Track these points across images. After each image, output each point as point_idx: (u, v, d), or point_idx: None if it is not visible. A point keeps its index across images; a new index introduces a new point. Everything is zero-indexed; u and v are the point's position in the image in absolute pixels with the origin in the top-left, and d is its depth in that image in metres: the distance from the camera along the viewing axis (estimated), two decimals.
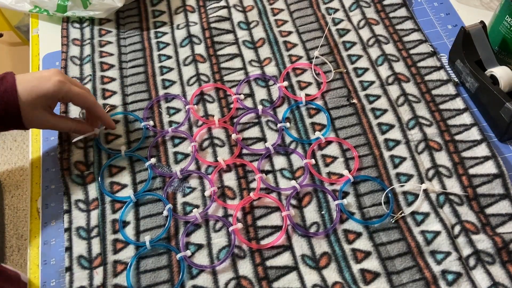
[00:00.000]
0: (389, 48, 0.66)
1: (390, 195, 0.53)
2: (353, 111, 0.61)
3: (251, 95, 0.63)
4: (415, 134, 0.58)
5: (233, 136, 0.59)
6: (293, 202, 0.54)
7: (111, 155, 0.58)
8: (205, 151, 0.59)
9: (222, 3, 0.73)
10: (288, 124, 0.60)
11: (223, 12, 0.71)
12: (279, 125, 0.59)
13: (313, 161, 0.57)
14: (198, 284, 0.49)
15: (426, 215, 0.52)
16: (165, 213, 0.53)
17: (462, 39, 0.60)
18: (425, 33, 0.68)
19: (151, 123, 0.61)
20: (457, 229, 0.51)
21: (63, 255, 0.52)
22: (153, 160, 0.57)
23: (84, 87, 0.58)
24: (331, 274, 0.49)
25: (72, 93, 0.54)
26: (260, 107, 0.61)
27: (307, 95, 0.62)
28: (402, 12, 0.70)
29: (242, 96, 0.63)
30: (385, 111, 0.60)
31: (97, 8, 0.69)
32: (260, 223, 0.53)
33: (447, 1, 0.72)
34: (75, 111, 0.63)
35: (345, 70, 0.64)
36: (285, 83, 0.63)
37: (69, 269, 0.51)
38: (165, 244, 0.52)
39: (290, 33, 0.69)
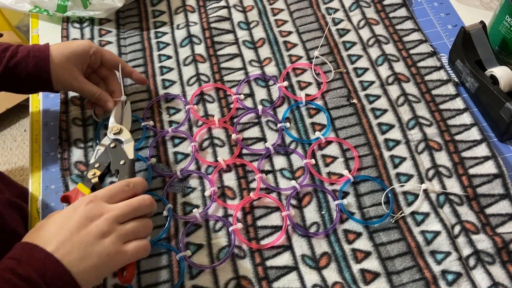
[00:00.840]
0: (389, 48, 0.66)
1: (390, 195, 0.53)
2: (353, 111, 0.61)
3: (251, 95, 0.63)
4: (415, 134, 0.58)
5: (233, 136, 0.59)
6: (293, 202, 0.54)
7: None
8: (205, 151, 0.59)
9: (222, 3, 0.73)
10: (288, 124, 0.60)
11: (223, 12, 0.71)
12: (279, 125, 0.59)
13: (313, 161, 0.57)
14: (198, 284, 0.49)
15: (426, 215, 0.52)
16: (165, 213, 0.53)
17: (462, 39, 0.60)
18: (425, 33, 0.68)
19: (151, 123, 0.61)
20: (457, 229, 0.51)
21: None
22: (153, 160, 0.57)
23: None
24: (331, 274, 0.49)
25: (102, 49, 0.59)
26: (260, 107, 0.61)
27: (307, 95, 0.62)
28: (402, 12, 0.70)
29: (242, 96, 0.63)
30: (385, 111, 0.60)
31: (97, 8, 0.69)
32: (260, 223, 0.53)
33: (447, 1, 0.72)
34: (75, 111, 0.63)
35: (345, 70, 0.64)
36: (285, 83, 0.63)
37: None
38: (165, 244, 0.52)
39: (290, 33, 0.69)
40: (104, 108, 0.59)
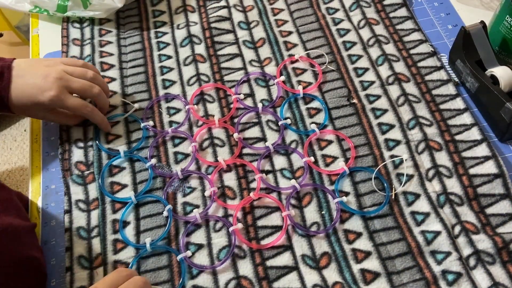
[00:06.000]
0: (389, 48, 0.66)
1: (384, 182, 0.53)
2: (353, 111, 0.61)
3: (251, 95, 0.63)
4: (415, 134, 0.58)
5: (235, 135, 0.59)
6: (293, 202, 0.54)
7: (111, 156, 0.58)
8: (205, 151, 0.59)
9: (222, 3, 0.73)
10: (289, 121, 0.60)
11: (223, 12, 0.71)
12: (280, 122, 0.59)
13: (312, 158, 0.57)
14: (198, 284, 0.49)
15: (426, 215, 0.52)
16: (165, 213, 0.53)
17: (462, 39, 0.60)
18: (425, 33, 0.68)
19: (151, 123, 0.61)
20: (457, 229, 0.51)
21: (63, 255, 0.52)
22: (153, 161, 0.57)
23: (86, 82, 0.57)
24: (331, 274, 0.49)
25: (65, 106, 0.56)
26: (260, 105, 0.61)
27: (304, 88, 0.62)
28: (402, 12, 0.70)
29: (241, 96, 0.63)
30: (385, 111, 0.60)
31: (97, 8, 0.69)
32: (260, 223, 0.53)
33: (447, 1, 0.72)
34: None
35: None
36: (282, 78, 0.63)
37: (69, 269, 0.51)
38: (165, 246, 0.51)
39: (290, 33, 0.69)
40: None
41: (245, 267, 0.50)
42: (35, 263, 0.50)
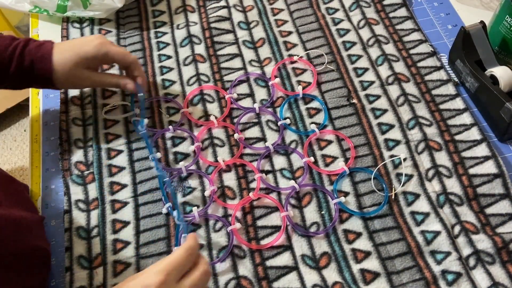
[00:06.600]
0: (389, 48, 0.66)
1: (379, 178, 0.53)
2: (353, 111, 0.61)
3: (251, 95, 0.63)
4: (415, 134, 0.58)
5: (236, 135, 0.59)
6: (293, 202, 0.54)
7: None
8: (205, 151, 0.59)
9: (222, 3, 0.73)
10: (288, 121, 0.60)
11: (223, 12, 0.71)
12: (279, 122, 0.59)
13: (312, 159, 0.57)
14: None
15: (426, 215, 0.52)
16: (164, 210, 0.53)
17: (462, 39, 0.60)
18: (425, 33, 0.68)
19: (146, 120, 0.60)
20: (457, 229, 0.51)
21: (63, 255, 0.52)
22: (158, 155, 0.57)
23: (124, 49, 0.60)
24: (331, 274, 0.49)
25: (111, 53, 0.57)
26: (256, 105, 0.61)
27: (304, 88, 0.62)
28: (402, 12, 0.70)
29: (235, 95, 0.63)
30: (385, 111, 0.60)
31: (97, 8, 0.69)
32: (260, 223, 0.53)
33: (447, 1, 0.72)
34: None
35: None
36: (277, 80, 0.63)
37: (69, 269, 0.51)
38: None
39: (290, 33, 0.69)
40: (124, 89, 0.61)
41: (245, 267, 0.50)
42: (42, 254, 0.50)
